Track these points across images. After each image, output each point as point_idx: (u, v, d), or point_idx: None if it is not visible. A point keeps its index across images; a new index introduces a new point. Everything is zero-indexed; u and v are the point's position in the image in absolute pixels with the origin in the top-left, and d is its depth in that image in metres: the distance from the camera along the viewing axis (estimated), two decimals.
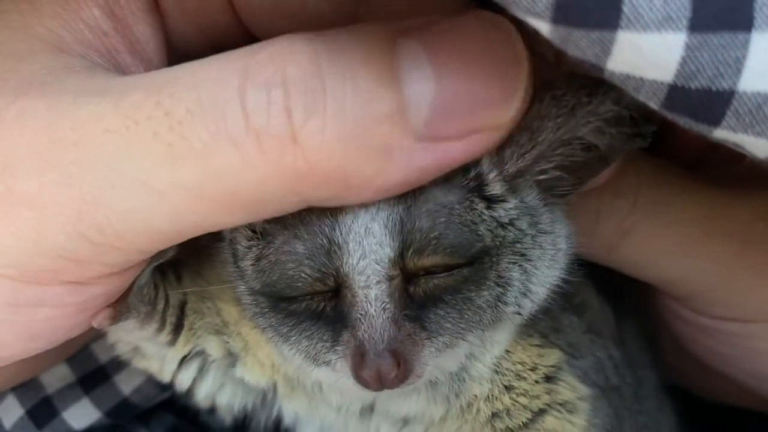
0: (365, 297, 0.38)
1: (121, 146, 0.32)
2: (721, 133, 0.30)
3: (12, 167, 0.34)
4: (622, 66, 0.29)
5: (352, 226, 0.37)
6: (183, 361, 0.49)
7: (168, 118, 0.32)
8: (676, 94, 0.29)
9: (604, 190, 0.47)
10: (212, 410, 0.53)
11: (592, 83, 0.37)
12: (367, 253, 0.37)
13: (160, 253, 0.43)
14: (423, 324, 0.39)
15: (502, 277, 0.40)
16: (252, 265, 0.40)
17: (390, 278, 0.38)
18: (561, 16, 0.28)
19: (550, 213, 0.41)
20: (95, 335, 0.55)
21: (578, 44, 0.29)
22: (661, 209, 0.48)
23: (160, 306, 0.46)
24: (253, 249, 0.40)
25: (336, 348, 0.40)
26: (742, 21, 0.27)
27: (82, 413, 0.57)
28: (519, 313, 0.41)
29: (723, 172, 0.53)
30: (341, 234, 0.37)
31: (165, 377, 0.50)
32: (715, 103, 0.29)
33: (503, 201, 0.39)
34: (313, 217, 0.38)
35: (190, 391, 0.50)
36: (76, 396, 0.57)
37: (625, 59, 0.29)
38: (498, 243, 0.39)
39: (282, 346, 0.42)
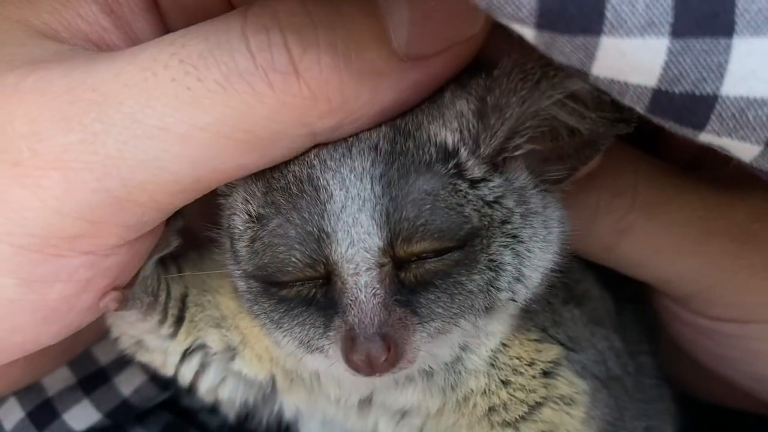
0: (355, 284, 0.38)
1: (142, 98, 0.35)
2: (706, 137, 0.30)
3: (37, 132, 0.35)
4: (607, 71, 0.29)
5: (340, 216, 0.38)
6: (185, 354, 0.49)
7: (183, 65, 0.35)
8: (660, 98, 0.29)
9: (602, 189, 0.47)
10: (215, 407, 0.54)
11: None
12: (356, 241, 0.38)
13: (165, 243, 0.45)
14: (414, 309, 0.39)
15: (494, 261, 0.40)
16: (246, 246, 0.41)
17: (380, 265, 0.38)
18: (545, 22, 0.28)
19: (540, 196, 0.42)
20: (96, 338, 0.56)
21: (563, 50, 0.29)
22: (659, 209, 0.48)
23: (162, 297, 0.47)
24: (249, 231, 0.41)
25: (328, 334, 0.40)
26: (724, 26, 0.28)
27: (82, 415, 0.57)
28: (513, 299, 0.41)
29: (720, 172, 0.52)
30: (330, 223, 0.38)
31: (168, 371, 0.50)
32: (699, 107, 0.29)
33: (487, 180, 0.39)
34: (304, 204, 0.38)
35: (192, 385, 0.51)
36: (77, 398, 0.57)
37: (609, 64, 0.29)
38: (486, 223, 0.39)
39: (275, 333, 0.43)
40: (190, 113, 0.35)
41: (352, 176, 0.38)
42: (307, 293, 0.40)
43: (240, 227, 0.41)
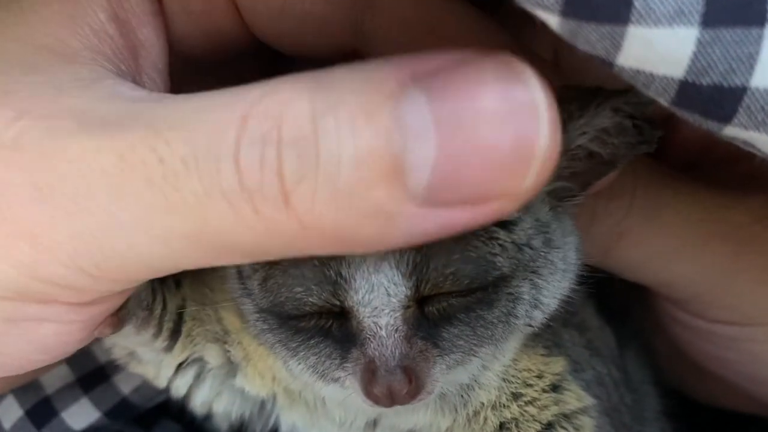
0: (374, 323, 0.37)
1: (117, 190, 0.31)
2: (731, 131, 0.30)
3: (8, 195, 0.32)
4: (633, 61, 0.29)
5: (360, 262, 0.37)
6: (179, 367, 0.48)
7: (162, 167, 0.30)
8: (686, 90, 0.29)
9: (600, 192, 0.46)
10: (209, 416, 0.53)
11: (584, 95, 0.36)
12: (375, 287, 0.36)
13: None
14: (435, 341, 0.38)
15: (512, 294, 0.39)
16: (259, 285, 0.39)
17: (405, 308, 0.37)
18: (571, 9, 0.28)
19: (561, 227, 0.41)
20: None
21: (588, 38, 0.29)
22: (657, 212, 0.47)
23: (157, 311, 0.46)
24: (260, 272, 0.39)
25: (345, 365, 0.39)
26: (756, 16, 0.27)
27: (81, 413, 0.56)
28: (530, 325, 0.41)
29: (720, 174, 0.52)
30: (349, 268, 0.37)
31: (161, 383, 0.49)
32: (726, 99, 0.29)
33: (520, 221, 0.39)
34: None
35: (186, 397, 0.50)
36: (76, 396, 0.56)
37: (636, 54, 0.28)
38: (514, 267, 0.38)
39: (290, 362, 0.42)
40: (165, 220, 0.31)
41: None
42: (324, 324, 0.39)
43: (249, 266, 0.40)
